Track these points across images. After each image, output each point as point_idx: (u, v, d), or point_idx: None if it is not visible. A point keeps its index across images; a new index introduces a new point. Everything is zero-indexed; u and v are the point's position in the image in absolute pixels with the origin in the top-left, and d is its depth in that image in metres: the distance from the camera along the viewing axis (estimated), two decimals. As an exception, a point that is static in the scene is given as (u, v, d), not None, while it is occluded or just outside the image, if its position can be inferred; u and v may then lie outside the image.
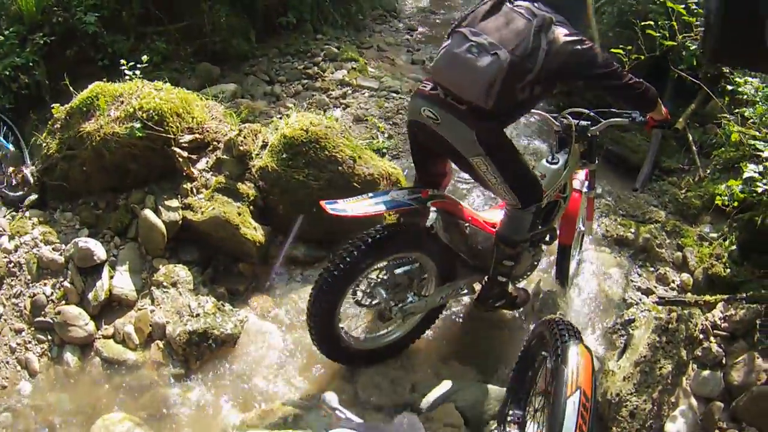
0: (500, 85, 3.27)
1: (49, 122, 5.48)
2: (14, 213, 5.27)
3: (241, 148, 5.06)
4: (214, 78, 7.83)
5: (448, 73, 3.46)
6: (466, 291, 4.43)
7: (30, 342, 4.49)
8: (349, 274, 3.64)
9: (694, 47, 6.16)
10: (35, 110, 6.90)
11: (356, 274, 3.70)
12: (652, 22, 5.95)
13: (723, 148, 6.16)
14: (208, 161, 5.24)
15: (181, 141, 5.08)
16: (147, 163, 5.08)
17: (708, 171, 6.33)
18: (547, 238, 4.41)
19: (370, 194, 3.69)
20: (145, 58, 5.62)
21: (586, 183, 4.76)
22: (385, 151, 6.62)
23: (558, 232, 4.57)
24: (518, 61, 3.27)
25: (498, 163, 3.56)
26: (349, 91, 7.74)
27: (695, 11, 5.72)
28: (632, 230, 5.72)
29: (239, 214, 4.88)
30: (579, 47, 3.42)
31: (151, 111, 4.94)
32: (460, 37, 3.39)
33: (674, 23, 5.83)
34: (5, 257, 4.71)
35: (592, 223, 5.27)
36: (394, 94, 7.73)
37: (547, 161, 4.25)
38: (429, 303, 4.10)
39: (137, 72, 5.51)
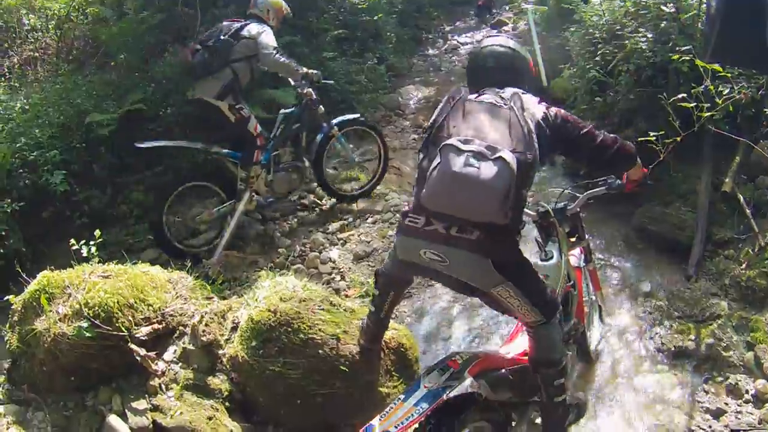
0: (514, 191, 2.87)
1: (9, 313, 4.84)
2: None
3: (204, 338, 4.29)
4: (203, 224, 7.19)
5: (450, 198, 2.91)
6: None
7: None
8: None
9: (727, 91, 5.41)
10: (15, 283, 6.25)
11: None
12: (684, 95, 5.10)
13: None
14: (175, 350, 4.53)
15: (137, 336, 4.35)
16: (107, 361, 4.42)
17: (768, 236, 5.46)
18: (574, 332, 4.23)
19: (401, 396, 3.17)
20: (98, 233, 4.92)
21: (582, 257, 4.54)
22: (392, 291, 5.84)
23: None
24: (523, 158, 2.94)
25: (521, 286, 3.13)
26: (350, 220, 7.05)
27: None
28: (692, 336, 5.02)
29: (210, 418, 4.11)
30: (553, 110, 3.26)
31: (97, 307, 4.28)
32: (452, 150, 2.89)
33: (711, 87, 5.06)
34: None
35: (601, 292, 4.99)
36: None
37: (541, 260, 3.98)
38: None
39: (92, 250, 4.85)
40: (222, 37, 6.48)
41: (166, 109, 7.71)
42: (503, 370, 3.54)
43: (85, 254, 4.85)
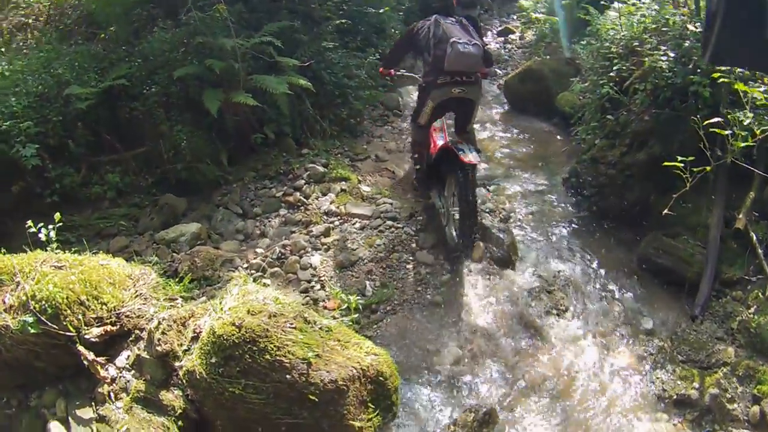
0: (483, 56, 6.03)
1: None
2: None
3: (160, 348, 3.85)
4: (179, 213, 6.76)
5: (461, 62, 5.68)
6: None
7: None
8: None
9: (749, 122, 5.04)
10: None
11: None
12: (720, 119, 4.75)
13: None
14: (129, 356, 4.11)
15: (87, 337, 3.91)
16: (54, 361, 4.10)
17: (780, 280, 5.08)
18: None
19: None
20: (57, 216, 4.47)
21: None
22: (375, 305, 5.47)
23: None
24: (481, 43, 5.92)
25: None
26: (336, 223, 6.54)
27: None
28: (695, 384, 4.70)
29: (158, 439, 3.66)
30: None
31: (44, 302, 3.88)
32: (457, 42, 5.62)
33: (749, 114, 4.76)
34: None
35: None
36: (391, 223, 6.51)
37: None
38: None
39: (51, 234, 4.40)
40: None
41: (151, 88, 7.21)
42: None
43: (43, 238, 4.42)
